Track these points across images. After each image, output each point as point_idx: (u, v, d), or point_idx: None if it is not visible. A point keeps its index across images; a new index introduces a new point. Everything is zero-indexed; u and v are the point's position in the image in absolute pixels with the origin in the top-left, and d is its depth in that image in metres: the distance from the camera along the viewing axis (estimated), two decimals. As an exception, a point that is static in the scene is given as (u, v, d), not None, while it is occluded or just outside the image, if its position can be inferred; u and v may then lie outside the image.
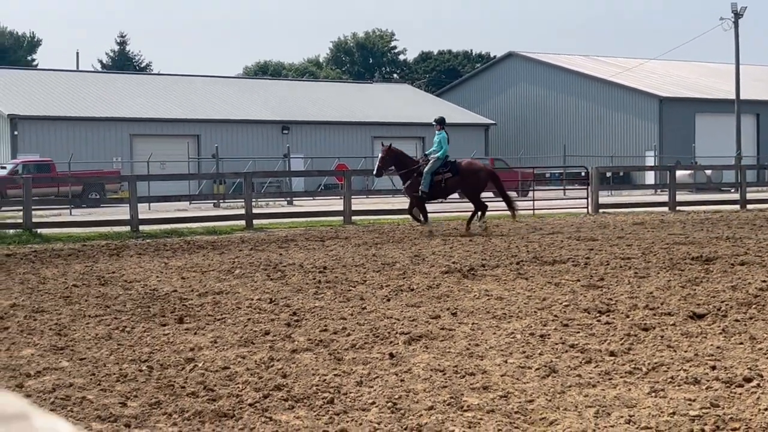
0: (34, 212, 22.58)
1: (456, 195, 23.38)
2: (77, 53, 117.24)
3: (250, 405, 6.35)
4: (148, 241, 20.21)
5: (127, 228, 22.77)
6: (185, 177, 37.38)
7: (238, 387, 6.83)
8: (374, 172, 21.76)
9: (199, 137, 53.62)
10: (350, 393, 6.58)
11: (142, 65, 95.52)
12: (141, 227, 22.91)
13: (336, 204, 29.04)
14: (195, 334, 8.97)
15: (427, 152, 21.40)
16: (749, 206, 29.06)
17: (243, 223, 23.89)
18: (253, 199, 26.62)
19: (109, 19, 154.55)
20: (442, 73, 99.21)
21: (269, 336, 8.72)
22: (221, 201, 36.91)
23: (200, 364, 7.57)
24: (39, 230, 22.17)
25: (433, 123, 21.23)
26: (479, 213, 20.98)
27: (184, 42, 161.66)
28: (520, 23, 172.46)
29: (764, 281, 11.30)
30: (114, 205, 33.51)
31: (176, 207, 35.38)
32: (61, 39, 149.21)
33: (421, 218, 21.02)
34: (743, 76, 56.06)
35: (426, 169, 20.55)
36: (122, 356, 7.98)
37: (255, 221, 24.14)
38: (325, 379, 6.96)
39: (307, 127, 57.22)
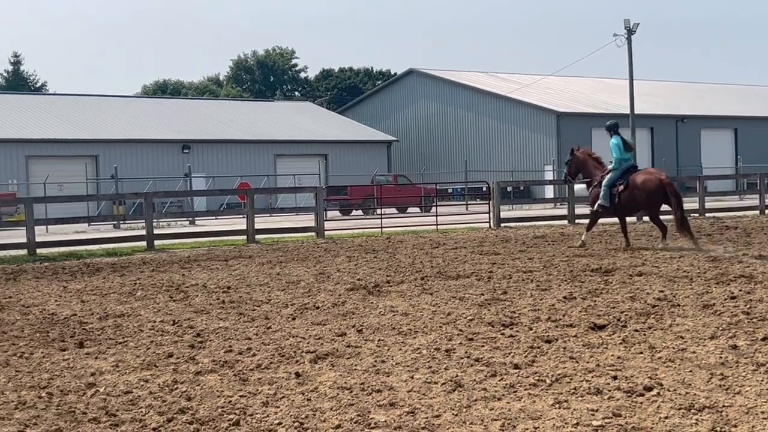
0: (-75, 237, 21.90)
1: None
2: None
3: (153, 429, 6.24)
4: (46, 264, 19.76)
5: (24, 251, 22.24)
6: (84, 198, 36.67)
7: (141, 411, 6.71)
8: (563, 178, 20.51)
9: (97, 158, 52.70)
10: (256, 414, 6.51)
11: (37, 85, 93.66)
12: (38, 250, 22.40)
13: (239, 223, 28.82)
14: (96, 358, 8.78)
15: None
16: (645, 218, 29.68)
17: (144, 244, 23.53)
18: (154, 220, 26.25)
19: (1, 39, 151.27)
20: (344, 90, 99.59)
21: (173, 358, 8.59)
22: (121, 222, 36.33)
23: (102, 389, 7.41)
24: (-69, 255, 21.49)
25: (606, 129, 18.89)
26: (662, 235, 18.18)
27: (81, 61, 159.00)
28: (421, 40, 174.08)
29: (662, 291, 11.57)
30: (10, 228, 32.68)
31: (75, 229, 34.66)
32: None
33: (584, 235, 19.28)
34: (637, 90, 57.48)
35: (604, 183, 18.51)
36: (21, 383, 7.77)
37: (156, 242, 23.80)
38: (230, 401, 6.88)
39: (208, 146, 56.73)
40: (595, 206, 18.81)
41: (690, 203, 35.95)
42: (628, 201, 18.26)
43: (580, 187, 24.20)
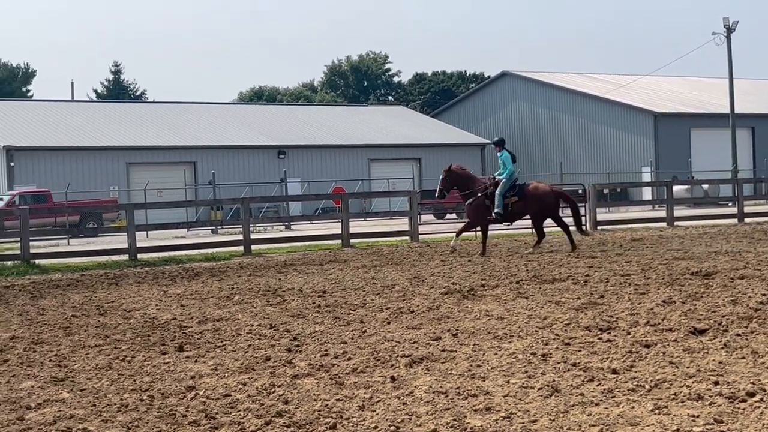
0: (31, 243, 22.53)
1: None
2: (72, 83, 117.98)
3: (252, 432, 6.32)
4: (146, 269, 20.18)
5: (126, 257, 22.74)
6: (182, 204, 37.29)
7: (240, 414, 6.80)
8: (436, 195, 21.32)
9: (195, 164, 53.61)
10: (352, 418, 6.55)
11: (136, 94, 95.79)
12: (139, 255, 22.88)
13: (334, 227, 29.01)
14: (195, 361, 8.94)
15: (495, 174, 20.91)
16: (747, 220, 29.05)
17: (241, 248, 23.86)
18: (251, 225, 26.59)
19: (103, 48, 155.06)
20: (437, 94, 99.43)
21: (270, 362, 8.70)
22: (219, 227, 36.87)
23: (201, 392, 7.54)
24: (37, 261, 22.13)
25: (492, 145, 20.42)
26: (537, 240, 20.77)
27: (178, 69, 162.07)
28: (513, 42, 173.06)
29: (764, 295, 11.28)
30: (112, 234, 33.49)
31: (174, 234, 35.32)
32: (55, 69, 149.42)
33: (482, 246, 20.49)
34: (737, 89, 56.16)
35: (497, 191, 20.22)
36: (123, 386, 7.95)
37: (253, 246, 24.12)
38: (327, 404, 6.93)
39: (303, 151, 57.24)
40: (493, 213, 20.41)
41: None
42: (520, 209, 20.51)
43: (679, 189, 23.75)
